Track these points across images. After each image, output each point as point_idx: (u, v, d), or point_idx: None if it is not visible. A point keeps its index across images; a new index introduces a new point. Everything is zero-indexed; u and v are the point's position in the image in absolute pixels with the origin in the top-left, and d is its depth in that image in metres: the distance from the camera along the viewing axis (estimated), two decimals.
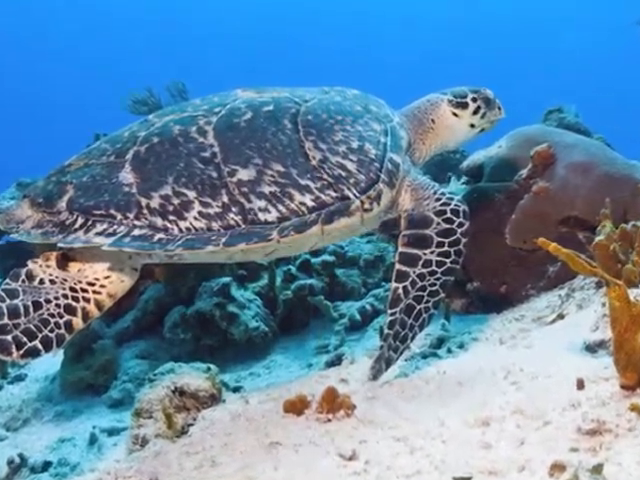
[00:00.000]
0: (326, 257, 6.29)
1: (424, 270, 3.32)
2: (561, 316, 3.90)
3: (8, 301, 2.95)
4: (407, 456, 2.52)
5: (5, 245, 7.56)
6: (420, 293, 3.29)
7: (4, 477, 4.07)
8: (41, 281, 3.07)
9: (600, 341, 3.14)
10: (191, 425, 3.51)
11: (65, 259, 3.16)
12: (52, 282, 3.08)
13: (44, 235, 3.08)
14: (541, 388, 2.82)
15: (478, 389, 2.99)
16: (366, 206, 3.30)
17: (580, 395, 2.62)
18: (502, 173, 4.93)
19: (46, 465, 4.17)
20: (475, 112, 3.94)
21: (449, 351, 3.99)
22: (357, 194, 3.28)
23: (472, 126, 3.98)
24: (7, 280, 3.04)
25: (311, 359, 5.17)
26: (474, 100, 3.93)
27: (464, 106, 3.93)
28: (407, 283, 3.31)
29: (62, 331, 2.99)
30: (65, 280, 3.11)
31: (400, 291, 3.30)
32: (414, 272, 3.32)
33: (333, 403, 2.95)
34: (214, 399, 3.72)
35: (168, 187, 3.13)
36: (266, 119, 3.35)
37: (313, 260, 6.25)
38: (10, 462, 4.13)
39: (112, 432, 4.49)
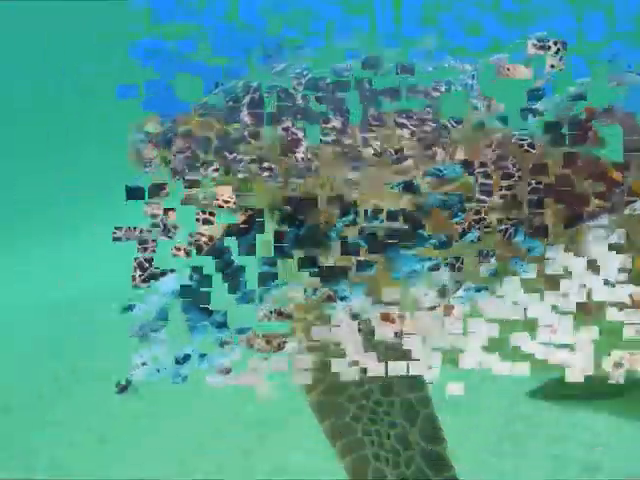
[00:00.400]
0: None
1: None
2: None
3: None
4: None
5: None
6: None
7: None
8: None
9: None
10: (286, 342, 3.64)
11: None
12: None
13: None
14: None
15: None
16: None
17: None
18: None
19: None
20: (557, 53, 4.11)
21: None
22: None
23: (552, 67, 4.14)
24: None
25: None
26: (555, 43, 4.10)
27: (547, 48, 4.09)
28: None
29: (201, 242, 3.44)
30: None
31: None
32: None
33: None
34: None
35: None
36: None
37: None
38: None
39: (216, 348, 4.72)
